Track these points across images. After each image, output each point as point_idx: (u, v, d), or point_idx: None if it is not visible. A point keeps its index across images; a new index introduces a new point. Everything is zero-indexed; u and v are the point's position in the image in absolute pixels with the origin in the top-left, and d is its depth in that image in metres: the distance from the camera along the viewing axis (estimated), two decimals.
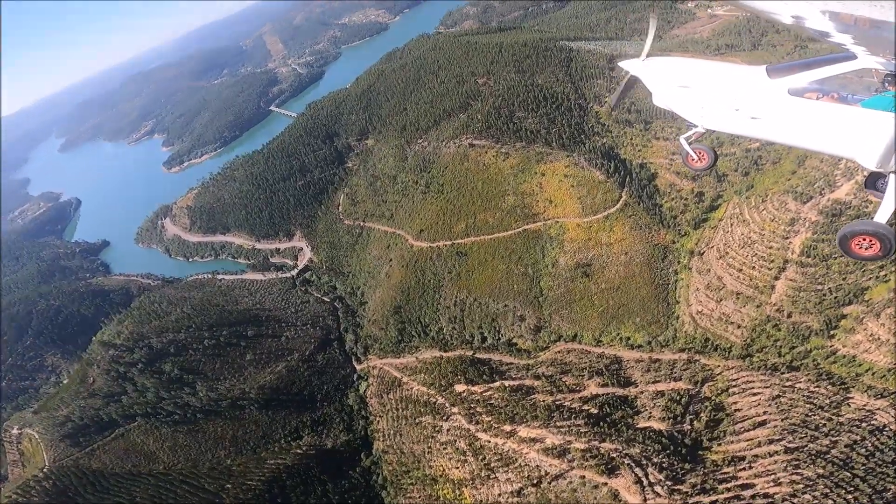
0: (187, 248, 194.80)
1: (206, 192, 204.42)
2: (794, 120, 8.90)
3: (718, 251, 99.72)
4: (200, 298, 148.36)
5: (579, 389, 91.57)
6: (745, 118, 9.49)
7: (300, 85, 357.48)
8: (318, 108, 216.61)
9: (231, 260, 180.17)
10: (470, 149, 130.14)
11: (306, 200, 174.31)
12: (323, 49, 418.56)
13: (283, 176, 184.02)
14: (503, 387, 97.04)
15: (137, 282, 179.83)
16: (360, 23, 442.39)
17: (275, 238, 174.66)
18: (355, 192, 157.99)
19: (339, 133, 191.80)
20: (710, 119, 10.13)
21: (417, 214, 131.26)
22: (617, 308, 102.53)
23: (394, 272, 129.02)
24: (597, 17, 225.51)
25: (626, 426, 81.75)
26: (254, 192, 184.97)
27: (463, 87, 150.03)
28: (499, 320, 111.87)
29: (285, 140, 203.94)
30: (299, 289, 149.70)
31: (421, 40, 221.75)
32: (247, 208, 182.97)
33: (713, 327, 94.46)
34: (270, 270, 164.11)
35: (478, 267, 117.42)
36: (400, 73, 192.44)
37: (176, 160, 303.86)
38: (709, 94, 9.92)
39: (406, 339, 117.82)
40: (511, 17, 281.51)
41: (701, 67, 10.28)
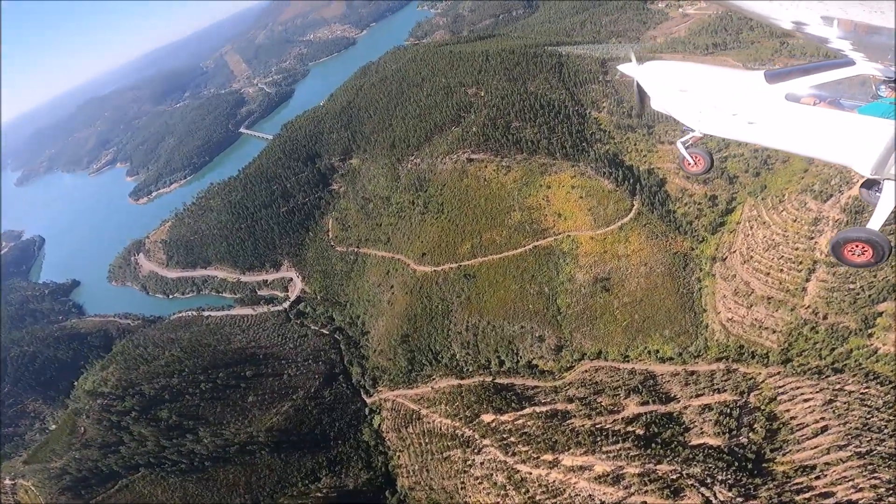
0: (166, 284, 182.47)
1: (181, 224, 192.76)
2: (790, 125, 8.74)
3: (742, 255, 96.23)
4: (189, 339, 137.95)
5: (618, 410, 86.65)
6: (742, 123, 9.29)
7: (270, 105, 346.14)
8: (296, 129, 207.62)
9: (215, 295, 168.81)
10: (468, 164, 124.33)
11: (292, 228, 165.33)
12: (290, 67, 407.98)
13: (264, 203, 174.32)
14: (535, 413, 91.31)
15: (116, 322, 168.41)
16: (325, 39, 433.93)
17: (261, 269, 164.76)
18: (345, 216, 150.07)
19: (321, 154, 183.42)
20: (708, 123, 9.94)
21: (417, 237, 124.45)
22: (642, 321, 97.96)
23: (397, 299, 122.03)
24: (570, 21, 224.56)
25: (680, 445, 76.86)
26: (234, 221, 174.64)
27: (452, 98, 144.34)
28: (516, 342, 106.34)
29: (263, 164, 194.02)
30: (294, 322, 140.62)
31: (397, 52, 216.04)
32: (228, 239, 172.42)
33: (746, 334, 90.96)
34: (260, 304, 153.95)
35: (488, 289, 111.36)
36: (380, 87, 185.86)
37: (143, 190, 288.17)
38: (706, 99, 9.70)
39: (417, 368, 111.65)
40: (482, 26, 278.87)
41: (699, 71, 10.02)
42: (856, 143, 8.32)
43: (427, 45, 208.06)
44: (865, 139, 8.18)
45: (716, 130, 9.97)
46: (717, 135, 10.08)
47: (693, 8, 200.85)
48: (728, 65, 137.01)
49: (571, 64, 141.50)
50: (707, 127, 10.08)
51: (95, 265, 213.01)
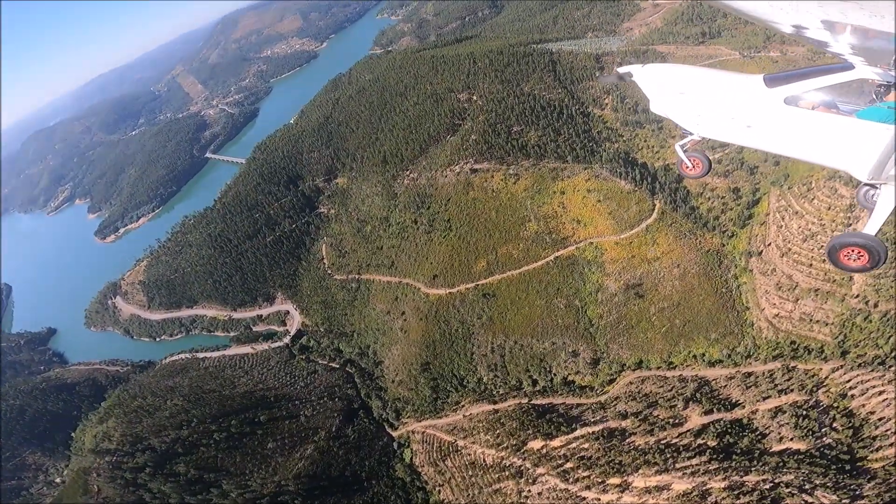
0: (151, 327, 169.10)
1: (159, 263, 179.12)
2: (789, 129, 8.63)
3: (779, 248, 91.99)
4: (189, 386, 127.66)
5: (681, 422, 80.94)
6: (740, 127, 9.17)
7: (234, 126, 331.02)
8: (270, 150, 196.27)
9: (207, 335, 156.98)
10: (472, 175, 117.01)
11: (281, 258, 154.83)
12: (250, 85, 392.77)
13: (247, 233, 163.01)
14: (589, 434, 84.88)
15: (103, 370, 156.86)
16: (284, 54, 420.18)
17: (253, 305, 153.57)
18: (340, 241, 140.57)
19: (303, 175, 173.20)
20: (706, 127, 9.79)
21: (425, 259, 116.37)
22: (682, 325, 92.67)
23: (411, 326, 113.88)
24: (541, 18, 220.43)
25: (763, 453, 71.50)
26: (217, 256, 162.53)
27: (442, 105, 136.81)
28: (548, 360, 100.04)
29: (241, 191, 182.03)
30: (300, 358, 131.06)
31: (370, 62, 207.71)
32: (213, 276, 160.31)
33: (796, 329, 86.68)
34: (259, 341, 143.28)
35: (511, 307, 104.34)
36: (359, 99, 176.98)
37: (109, 228, 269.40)
38: (705, 102, 9.60)
39: (442, 396, 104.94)
40: (449, 29, 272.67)
41: (698, 74, 9.85)
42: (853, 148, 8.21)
43: (405, 51, 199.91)
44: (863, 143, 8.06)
45: (714, 134, 9.80)
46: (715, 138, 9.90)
47: None
48: (720, 53, 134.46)
49: (564, 61, 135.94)
50: (705, 130, 9.88)
51: (70, 311, 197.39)
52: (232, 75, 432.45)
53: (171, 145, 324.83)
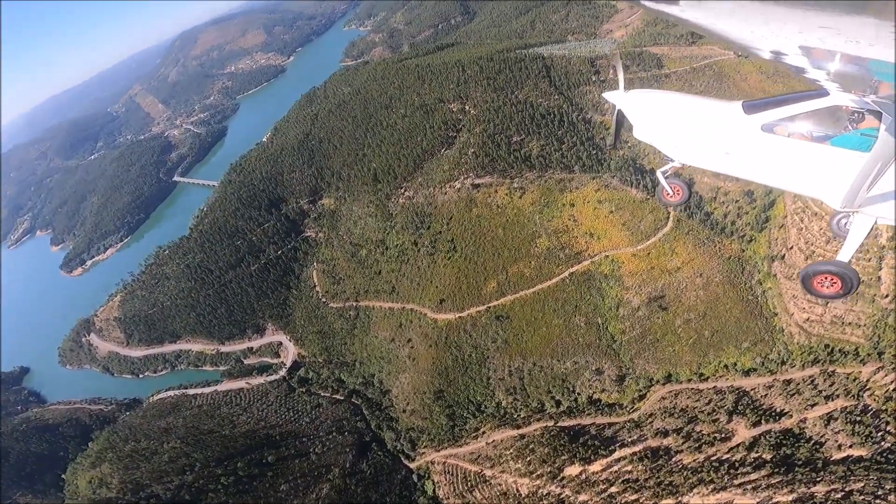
0: (132, 364, 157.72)
1: (134, 297, 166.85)
2: (765, 157, 8.71)
3: (802, 251, 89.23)
4: (185, 426, 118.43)
5: (728, 436, 76.99)
6: (719, 154, 9.24)
7: (202, 147, 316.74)
8: (247, 172, 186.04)
9: (194, 370, 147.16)
10: (474, 190, 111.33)
11: (269, 287, 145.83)
12: (216, 102, 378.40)
13: (230, 263, 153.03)
14: (630, 456, 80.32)
15: (86, 409, 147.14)
16: (249, 69, 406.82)
17: (242, 337, 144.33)
18: (333, 267, 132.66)
19: (285, 197, 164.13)
20: (686, 154, 9.85)
21: (430, 282, 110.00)
22: (711, 335, 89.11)
23: (419, 354, 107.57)
24: (518, 22, 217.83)
25: (825, 462, 67.86)
26: (198, 288, 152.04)
27: (434, 117, 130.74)
28: (570, 380, 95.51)
29: (218, 217, 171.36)
30: (299, 391, 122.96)
31: (346, 74, 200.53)
32: (195, 309, 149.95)
33: (828, 332, 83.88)
34: (252, 375, 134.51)
35: (527, 328, 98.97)
36: (339, 113, 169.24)
37: (75, 261, 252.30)
38: (685, 129, 9.59)
39: (459, 423, 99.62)
40: (422, 38, 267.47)
41: (679, 102, 9.90)
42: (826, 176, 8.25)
43: (385, 61, 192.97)
44: (836, 171, 8.09)
45: (693, 161, 9.82)
46: (694, 165, 9.91)
47: None
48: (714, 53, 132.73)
49: (558, 66, 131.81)
50: (685, 157, 9.88)
51: (41, 348, 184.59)
52: (195, 93, 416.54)
53: (134, 169, 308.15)
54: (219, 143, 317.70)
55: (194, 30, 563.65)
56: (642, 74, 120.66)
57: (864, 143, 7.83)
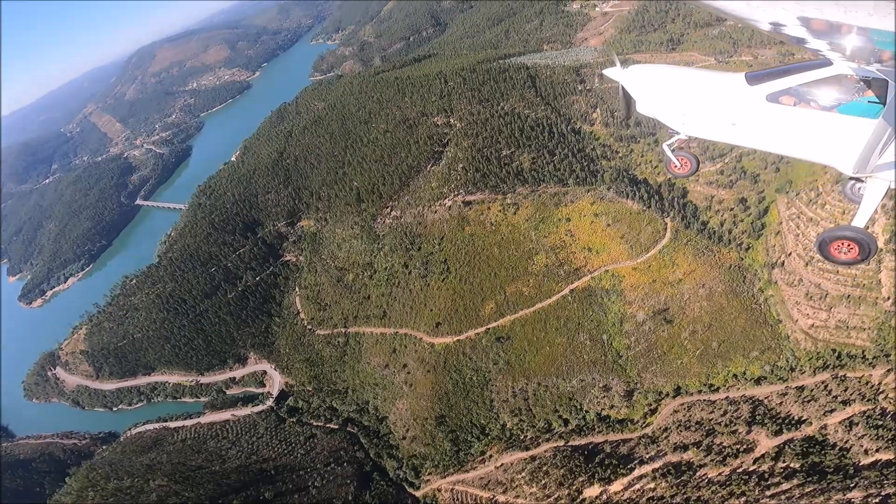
0: (104, 397, 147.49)
1: (101, 330, 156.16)
2: (772, 126, 8.84)
3: (801, 257, 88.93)
4: (171, 463, 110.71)
5: (751, 447, 75.29)
6: (724, 125, 9.35)
7: (165, 168, 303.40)
8: (218, 194, 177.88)
9: (172, 401, 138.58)
10: (465, 208, 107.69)
11: (249, 315, 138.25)
12: (178, 121, 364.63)
13: (204, 292, 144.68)
14: (652, 473, 77.70)
15: (59, 444, 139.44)
16: (213, 86, 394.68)
17: (223, 367, 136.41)
18: (318, 293, 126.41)
19: (261, 220, 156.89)
20: (691, 126, 9.94)
21: (424, 306, 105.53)
22: (718, 346, 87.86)
23: (417, 379, 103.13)
24: (491, 33, 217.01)
25: (856, 468, 66.66)
26: (172, 319, 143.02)
27: (418, 132, 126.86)
28: (577, 398, 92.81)
29: (188, 244, 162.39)
30: (290, 421, 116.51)
31: (320, 88, 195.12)
32: (169, 341, 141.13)
33: (833, 337, 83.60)
34: (237, 406, 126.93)
35: (529, 348, 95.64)
36: (315, 130, 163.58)
37: (34, 291, 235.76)
38: (689, 101, 9.72)
39: (464, 447, 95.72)
40: (393, 51, 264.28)
41: (682, 75, 10.03)
42: (837, 143, 8.35)
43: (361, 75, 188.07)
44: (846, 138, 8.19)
45: (699, 132, 9.87)
46: (700, 137, 9.96)
47: (609, 6, 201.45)
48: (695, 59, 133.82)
49: (543, 76, 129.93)
50: (691, 129, 9.98)
51: (4, 383, 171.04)
52: (155, 111, 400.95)
53: (93, 193, 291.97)
54: (183, 164, 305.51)
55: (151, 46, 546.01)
56: None
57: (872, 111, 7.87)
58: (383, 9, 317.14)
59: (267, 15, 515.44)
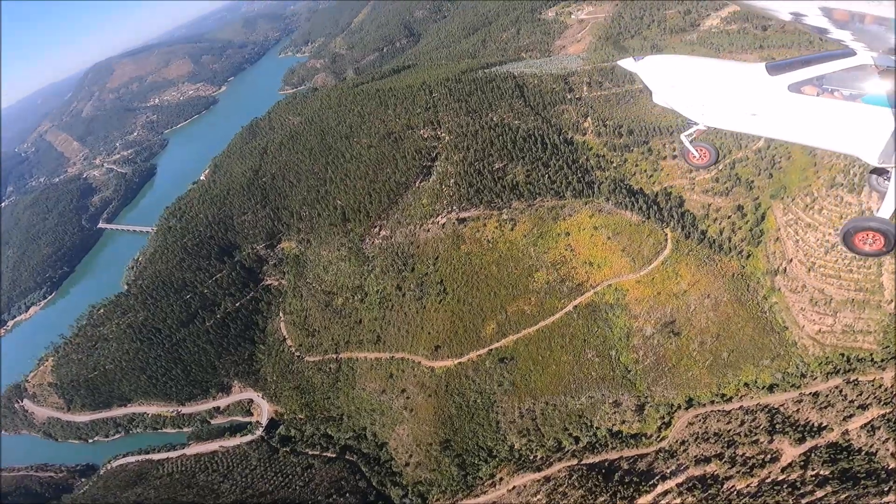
0: (78, 429, 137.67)
1: (69, 362, 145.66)
2: (794, 116, 8.77)
3: (803, 263, 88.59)
4: (159, 499, 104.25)
5: (776, 456, 73.67)
6: (745, 115, 9.29)
7: (129, 188, 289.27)
8: (189, 216, 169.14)
9: (152, 432, 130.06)
10: (460, 225, 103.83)
11: (230, 343, 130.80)
12: (140, 138, 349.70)
13: (180, 320, 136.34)
14: (677, 488, 75.29)
15: (35, 476, 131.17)
16: (176, 101, 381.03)
17: (205, 397, 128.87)
18: (305, 318, 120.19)
19: (238, 243, 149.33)
20: (711, 116, 9.89)
21: (421, 329, 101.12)
22: (727, 355, 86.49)
23: (417, 404, 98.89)
24: (467, 42, 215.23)
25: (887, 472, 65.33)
26: (146, 350, 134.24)
27: (404, 146, 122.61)
28: (587, 415, 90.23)
29: (160, 270, 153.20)
30: (283, 451, 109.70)
31: (294, 102, 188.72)
32: (145, 371, 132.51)
33: (840, 342, 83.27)
34: (224, 437, 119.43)
35: (534, 367, 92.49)
36: (292, 146, 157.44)
37: None
38: (709, 92, 9.66)
39: (472, 471, 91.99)
40: (367, 62, 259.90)
41: (700, 65, 9.96)
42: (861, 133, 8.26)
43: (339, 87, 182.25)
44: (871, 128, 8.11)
45: (719, 123, 9.84)
46: (720, 127, 9.96)
47: (584, 13, 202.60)
48: None
49: (531, 85, 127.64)
50: (710, 120, 9.91)
51: None
52: (115, 129, 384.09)
53: (52, 217, 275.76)
54: (148, 184, 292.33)
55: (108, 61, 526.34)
56: (616, 90, 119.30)
57: None
58: (354, 20, 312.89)
59: (231, 28, 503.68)
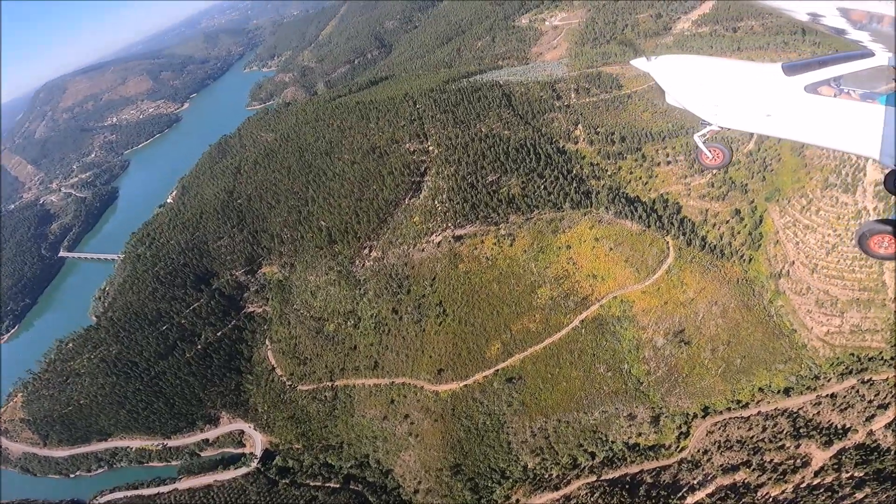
0: (57, 464, 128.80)
1: (40, 397, 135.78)
2: (810, 117, 8.60)
3: (805, 265, 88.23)
4: None
5: (806, 460, 72.55)
6: (759, 116, 9.15)
7: (90, 214, 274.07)
8: (159, 243, 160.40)
9: (137, 466, 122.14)
10: (456, 243, 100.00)
11: (215, 374, 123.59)
12: (99, 160, 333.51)
13: (158, 353, 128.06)
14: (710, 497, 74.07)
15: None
16: (136, 120, 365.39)
17: (192, 430, 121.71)
18: (294, 346, 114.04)
19: (215, 270, 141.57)
20: (725, 117, 9.73)
21: (422, 352, 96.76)
22: (740, 362, 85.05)
23: (423, 429, 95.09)
24: (442, 51, 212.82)
25: None
26: (123, 384, 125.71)
27: (390, 161, 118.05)
28: (601, 429, 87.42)
29: (131, 301, 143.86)
30: (283, 483, 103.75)
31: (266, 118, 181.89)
32: (124, 406, 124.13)
33: (850, 342, 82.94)
34: (217, 469, 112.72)
35: (544, 385, 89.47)
36: (268, 165, 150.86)
37: None
38: (723, 92, 9.51)
39: (485, 493, 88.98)
40: (338, 75, 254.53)
41: (715, 65, 9.82)
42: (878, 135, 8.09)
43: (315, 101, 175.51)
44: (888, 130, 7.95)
45: (734, 123, 9.74)
46: (735, 128, 9.87)
47: (558, 19, 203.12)
48: None
49: (518, 94, 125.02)
50: (725, 120, 9.78)
51: None
52: (71, 150, 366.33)
53: (9, 247, 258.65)
54: (110, 209, 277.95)
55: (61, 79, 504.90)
56: (604, 96, 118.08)
57: None
58: (322, 33, 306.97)
59: (192, 44, 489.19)
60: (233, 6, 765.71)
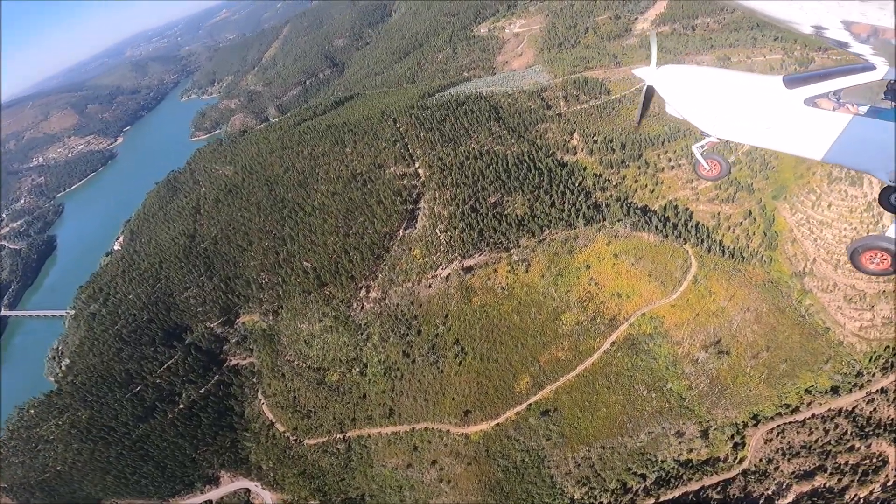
0: None
1: (11, 465, 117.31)
2: (809, 131, 8.48)
3: (827, 262, 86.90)
4: None
5: (884, 459, 69.88)
6: (759, 128, 9.06)
7: (27, 267, 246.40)
8: (116, 298, 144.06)
9: None
10: (467, 275, 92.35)
11: (206, 432, 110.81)
12: (29, 206, 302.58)
13: (135, 415, 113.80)
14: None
15: None
16: (65, 158, 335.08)
17: (191, 490, 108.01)
18: (295, 399, 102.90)
19: (186, 323, 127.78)
20: (724, 129, 9.64)
21: (443, 395, 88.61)
22: (784, 366, 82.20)
23: (457, 475, 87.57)
24: (402, 66, 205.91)
25: None
26: (102, 449, 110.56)
27: (376, 188, 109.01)
28: (649, 451, 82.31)
29: (94, 364, 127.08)
30: None
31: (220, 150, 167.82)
32: (109, 472, 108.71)
33: (884, 334, 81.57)
34: None
35: (582, 414, 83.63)
36: (231, 201, 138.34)
37: None
38: (723, 104, 9.37)
39: None
40: (290, 98, 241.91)
41: (716, 76, 9.65)
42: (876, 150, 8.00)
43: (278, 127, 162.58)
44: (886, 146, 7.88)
45: (733, 136, 9.64)
46: (734, 140, 9.78)
47: (518, 27, 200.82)
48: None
49: (505, 105, 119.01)
50: (724, 132, 9.69)
51: None
52: None
53: None
54: (49, 259, 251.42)
55: None
56: (595, 102, 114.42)
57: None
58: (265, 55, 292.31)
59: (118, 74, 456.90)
60: (159, 33, 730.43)
